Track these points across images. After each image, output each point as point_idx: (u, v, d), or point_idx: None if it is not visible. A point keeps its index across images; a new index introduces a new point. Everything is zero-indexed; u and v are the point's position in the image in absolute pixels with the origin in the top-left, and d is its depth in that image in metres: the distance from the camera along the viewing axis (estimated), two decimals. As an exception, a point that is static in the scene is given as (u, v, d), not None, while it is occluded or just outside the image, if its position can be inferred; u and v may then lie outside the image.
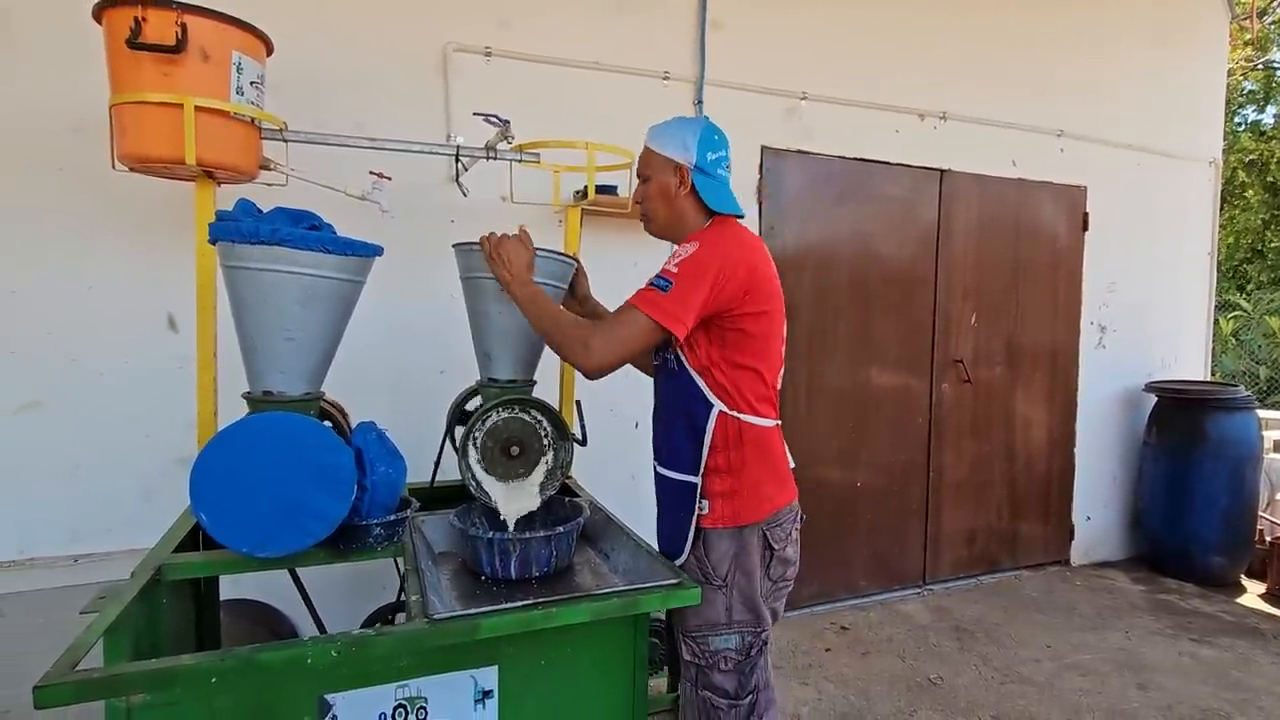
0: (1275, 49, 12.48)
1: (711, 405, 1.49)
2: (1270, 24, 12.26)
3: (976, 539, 3.90)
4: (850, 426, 3.51)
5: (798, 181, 3.33)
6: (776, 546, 1.54)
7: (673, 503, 1.56)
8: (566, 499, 1.74)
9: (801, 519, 1.65)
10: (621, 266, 2.34)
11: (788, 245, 3.32)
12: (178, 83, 1.59)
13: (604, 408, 1.81)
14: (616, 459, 2.37)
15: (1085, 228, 4.06)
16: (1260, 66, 12.43)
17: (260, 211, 1.48)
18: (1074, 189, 4.02)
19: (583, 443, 1.82)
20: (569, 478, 1.94)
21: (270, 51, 1.82)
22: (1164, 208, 4.34)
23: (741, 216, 1.61)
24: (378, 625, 2.26)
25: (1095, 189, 4.07)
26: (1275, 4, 11.87)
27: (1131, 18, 4.17)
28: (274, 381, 1.45)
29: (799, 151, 3.31)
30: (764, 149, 3.24)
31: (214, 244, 1.41)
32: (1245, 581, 3.97)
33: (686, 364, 1.51)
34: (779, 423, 1.61)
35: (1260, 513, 3.96)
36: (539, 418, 1.68)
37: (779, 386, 1.60)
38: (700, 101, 3.07)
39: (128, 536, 2.17)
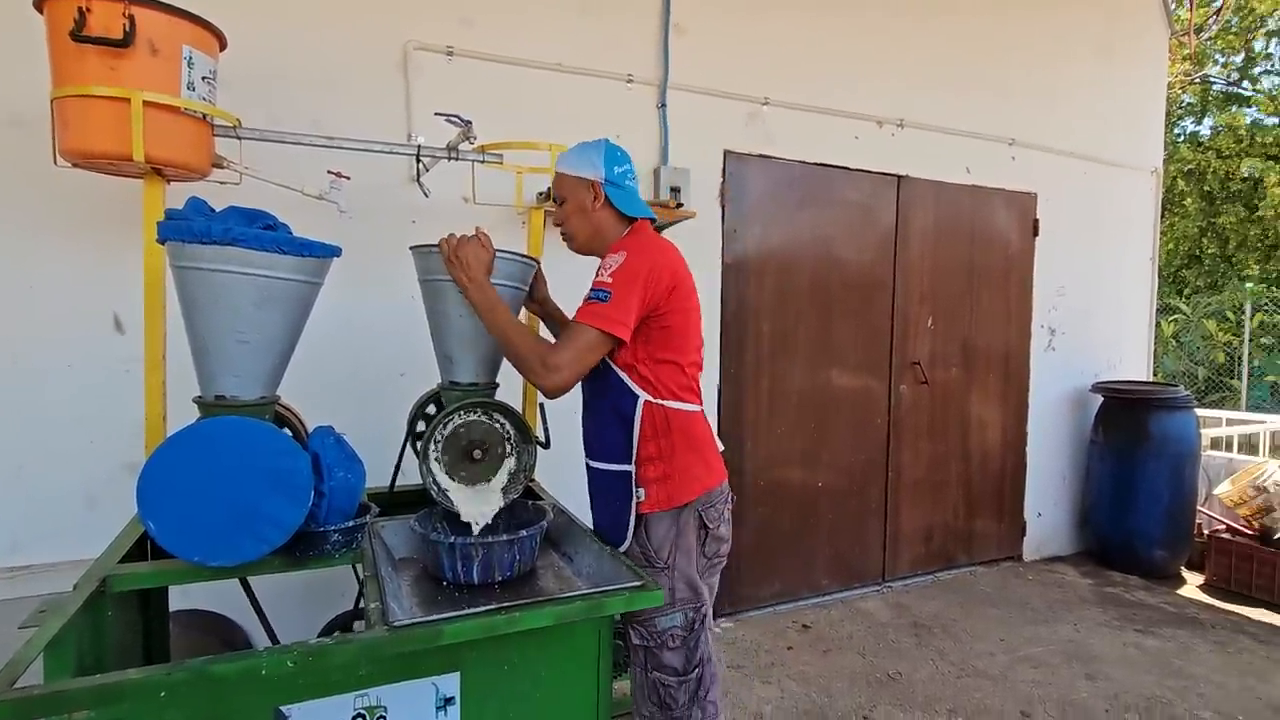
0: (1211, 64, 13.09)
1: (637, 396, 1.59)
2: (1206, 40, 12.83)
3: (933, 537, 3.99)
4: (812, 428, 3.57)
5: (760, 186, 3.37)
6: (711, 525, 1.66)
7: (610, 494, 1.64)
8: (529, 502, 1.73)
9: (731, 499, 1.75)
10: (583, 267, 2.33)
11: (750, 249, 3.36)
12: (125, 76, 1.54)
13: (567, 410, 1.80)
14: (580, 461, 2.36)
15: (1036, 233, 4.20)
16: (1197, 80, 13.02)
17: (212, 210, 1.44)
18: (1025, 196, 4.15)
19: (546, 445, 1.81)
20: (532, 481, 1.93)
21: (223, 46, 1.78)
22: (1109, 215, 4.51)
23: (653, 220, 1.74)
24: (336, 634, 2.21)
25: (1044, 196, 4.21)
26: (1210, 21, 12.43)
27: (1078, 32, 4.33)
28: (227, 385, 1.41)
29: (761, 156, 3.36)
30: (726, 153, 3.27)
31: (163, 243, 1.36)
32: (1185, 573, 4.15)
33: (612, 362, 1.61)
34: (702, 408, 1.71)
35: (1199, 507, 4.14)
36: (501, 421, 1.66)
37: (699, 376, 1.72)
38: (664, 105, 3.09)
39: (71, 546, 2.09)
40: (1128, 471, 4.04)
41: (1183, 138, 13.02)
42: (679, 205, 2.99)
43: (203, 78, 1.68)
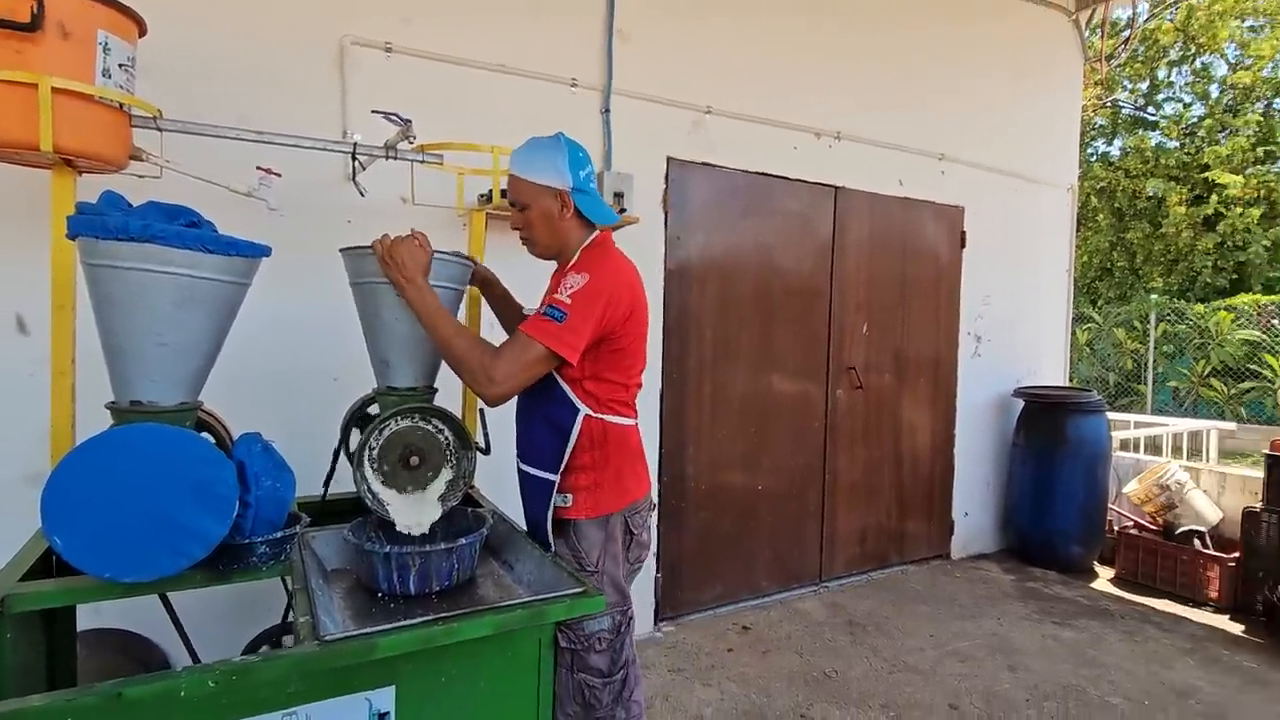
0: (1120, 89, 13.98)
1: (578, 410, 1.60)
2: (1116, 66, 13.70)
3: (868, 537, 4.11)
4: (752, 433, 3.63)
5: (702, 193, 3.41)
6: (635, 532, 1.72)
7: (535, 498, 1.65)
8: (469, 509, 1.70)
9: (654, 506, 1.83)
10: (522, 268, 2.32)
11: (693, 256, 3.39)
12: (33, 61, 1.44)
13: (508, 415, 1.78)
14: (522, 467, 2.32)
15: (963, 245, 4.39)
16: (1108, 104, 13.89)
17: (129, 205, 1.36)
18: (953, 209, 4.33)
19: (486, 451, 1.79)
20: (472, 487, 1.90)
21: (143, 32, 1.69)
22: (1029, 228, 4.76)
23: (617, 222, 1.76)
24: (262, 650, 2.12)
25: (971, 209, 4.40)
26: (1120, 49, 13.26)
27: (1001, 55, 4.55)
28: (144, 390, 1.33)
29: (704, 164, 3.40)
30: (670, 160, 3.30)
31: (74, 239, 1.28)
32: (1098, 567, 4.40)
33: (558, 375, 1.60)
34: (637, 421, 1.74)
35: (1110, 505, 4.39)
36: (440, 426, 1.63)
37: (639, 392, 1.75)
38: (608, 110, 3.10)
39: (-36, 564, 1.93)
40: (1046, 472, 4.26)
41: (1095, 157, 13.86)
42: (622, 210, 3.00)
43: (120, 64, 1.59)
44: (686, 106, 3.33)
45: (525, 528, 1.71)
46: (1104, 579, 4.24)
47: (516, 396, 1.66)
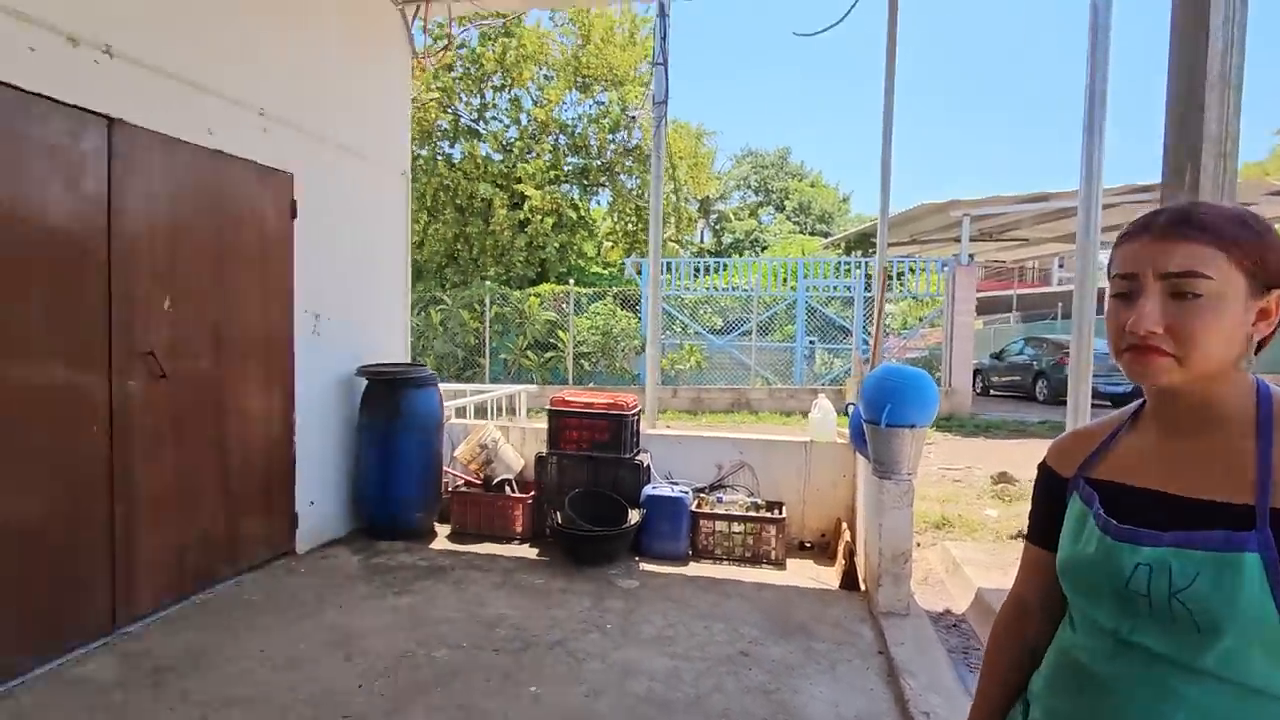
0: (458, 100, 15.92)
1: None
2: (455, 78, 15.52)
3: (189, 554, 3.41)
4: (-26, 450, 2.47)
5: None
6: None
7: None
8: None
9: None
10: None
11: None
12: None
13: None
14: None
15: (294, 215, 4.04)
16: (450, 110, 15.67)
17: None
18: (280, 174, 3.93)
19: None
20: None
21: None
22: (368, 207, 4.76)
23: None
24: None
25: (303, 178, 4.09)
26: (456, 62, 15.10)
27: (328, 24, 4.35)
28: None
29: None
30: None
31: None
32: (438, 527, 4.76)
33: None
34: None
35: (445, 468, 4.81)
36: None
37: None
38: None
39: None
40: (389, 447, 4.36)
41: (441, 157, 15.49)
42: None
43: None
44: None
45: None
46: (442, 537, 4.61)
47: None
